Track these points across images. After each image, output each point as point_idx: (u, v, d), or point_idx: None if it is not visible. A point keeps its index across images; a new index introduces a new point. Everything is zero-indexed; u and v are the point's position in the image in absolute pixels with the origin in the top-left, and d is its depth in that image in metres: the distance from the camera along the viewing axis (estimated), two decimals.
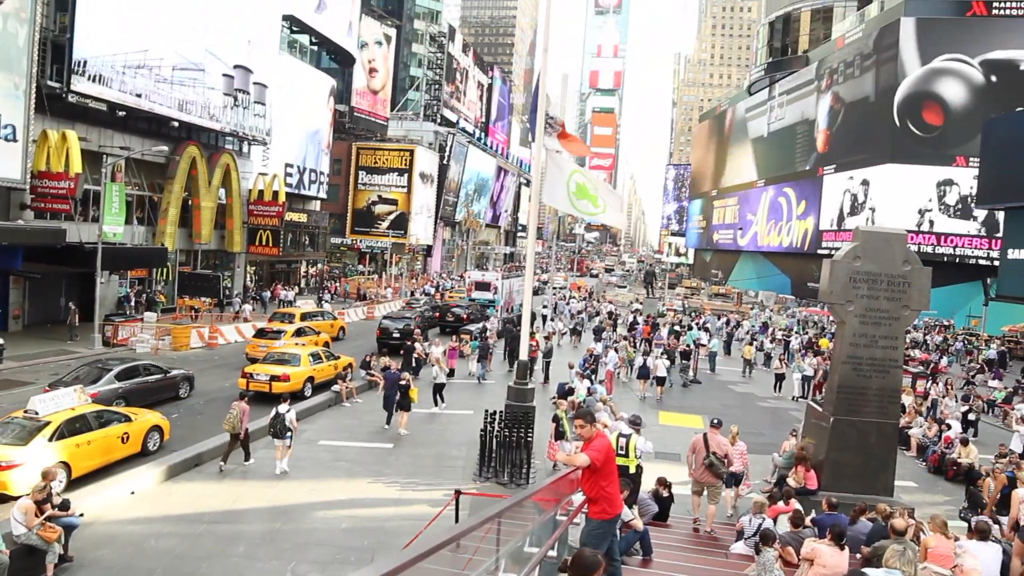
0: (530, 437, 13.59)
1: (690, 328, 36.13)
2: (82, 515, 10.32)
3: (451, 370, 22.96)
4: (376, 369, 20.92)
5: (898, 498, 11.97)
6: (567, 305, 47.41)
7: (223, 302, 36.65)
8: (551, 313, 41.50)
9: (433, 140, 71.39)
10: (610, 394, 20.36)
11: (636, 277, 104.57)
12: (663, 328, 35.71)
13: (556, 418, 14.48)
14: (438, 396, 19.73)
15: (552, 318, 39.79)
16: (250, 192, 40.29)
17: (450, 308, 36.85)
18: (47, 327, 27.44)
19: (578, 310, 45.53)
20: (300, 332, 26.04)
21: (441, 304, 39.90)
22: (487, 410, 14.19)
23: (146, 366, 18.83)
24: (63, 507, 9.81)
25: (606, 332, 34.01)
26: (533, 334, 23.55)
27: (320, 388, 20.57)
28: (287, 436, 13.84)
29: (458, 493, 10.06)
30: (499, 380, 23.60)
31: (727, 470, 11.60)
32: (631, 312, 46.81)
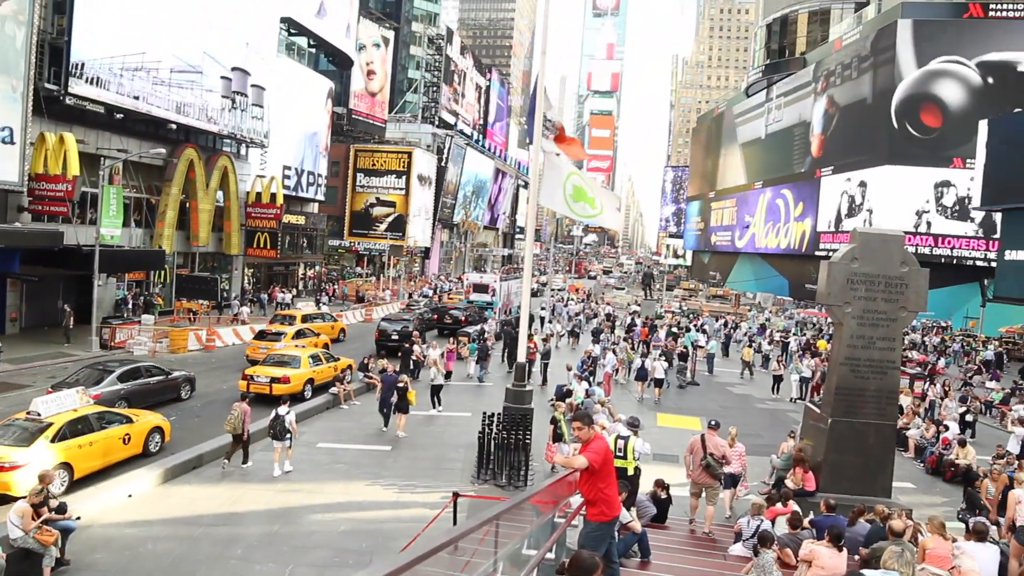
0: (528, 439, 13.58)
1: (688, 330, 36.13)
2: (79, 518, 10.31)
3: (448, 372, 22.94)
4: (374, 371, 20.90)
5: (896, 499, 11.99)
6: (565, 307, 47.38)
7: (221, 304, 36.62)
8: (549, 315, 41.49)
9: (431, 142, 71.40)
10: (608, 396, 20.33)
11: (634, 279, 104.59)
12: (661, 330, 35.71)
13: (554, 420, 14.46)
14: (435, 398, 19.73)
15: (550, 320, 39.78)
16: (248, 194, 40.26)
17: (448, 310, 36.84)
18: (44, 330, 27.41)
19: (576, 312, 45.51)
20: (300, 334, 26.10)
21: (439, 306, 39.90)
22: (485, 412, 14.18)
23: (148, 368, 18.86)
24: (60, 510, 9.79)
25: (604, 334, 34.01)
26: (531, 336, 23.53)
27: (320, 390, 20.59)
28: (287, 438, 13.85)
29: (456, 495, 10.05)
30: (497, 382, 23.59)
31: (723, 471, 11.62)
32: (629, 314, 46.80)
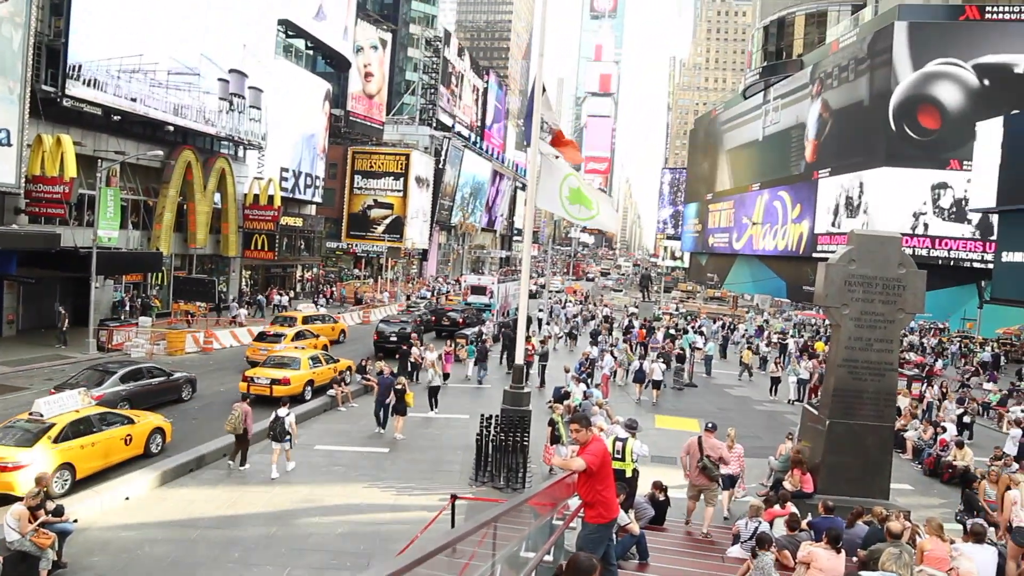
0: (526, 441, 13.56)
1: (686, 332, 36.15)
2: (76, 521, 10.29)
3: (446, 374, 22.93)
4: (372, 373, 20.89)
5: (894, 501, 11.99)
6: (563, 309, 47.38)
7: (220, 307, 36.57)
8: (547, 317, 41.50)
9: (429, 144, 71.39)
10: (606, 398, 20.33)
11: (632, 281, 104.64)
12: (659, 332, 35.72)
13: (552, 422, 14.45)
14: (433, 400, 19.72)
15: (548, 322, 39.78)
16: (245, 196, 40.22)
17: (446, 312, 36.85)
18: (41, 332, 27.34)
19: (573, 314, 45.51)
20: (299, 335, 26.30)
21: (437, 308, 39.92)
22: (483, 414, 14.17)
23: (149, 369, 18.93)
24: (57, 513, 9.76)
25: (602, 336, 34.02)
26: (529, 338, 23.53)
27: (320, 391, 20.61)
28: (286, 440, 13.87)
29: (454, 498, 10.04)
30: (495, 384, 23.59)
31: (720, 473, 11.63)
32: (627, 316, 46.81)
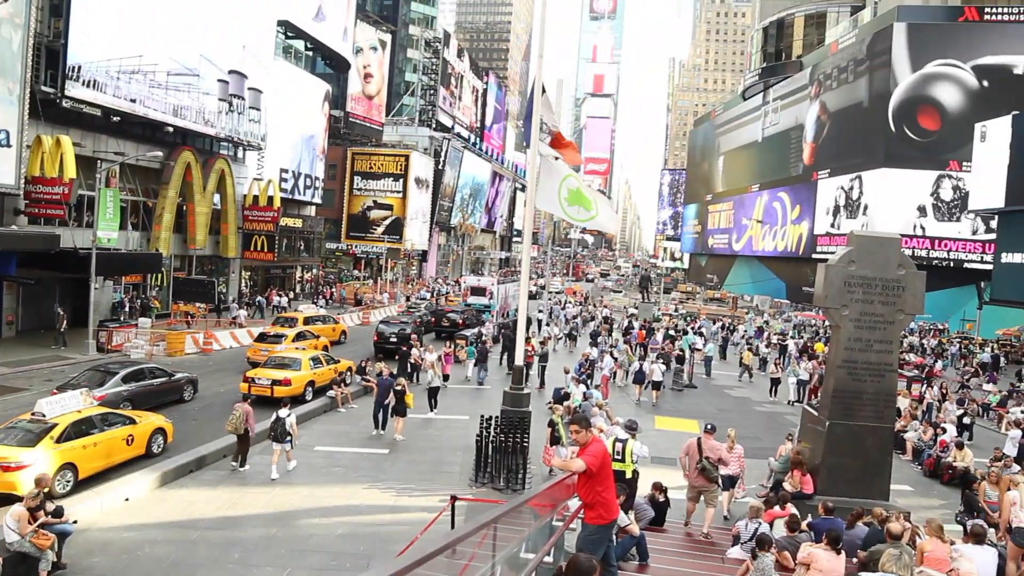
0: (526, 442, 13.56)
1: (685, 333, 36.15)
2: (75, 522, 10.28)
3: (446, 376, 22.94)
4: (371, 374, 20.89)
5: (894, 502, 11.99)
6: (562, 310, 47.38)
7: (220, 308, 36.57)
8: (547, 318, 41.50)
9: (428, 145, 71.41)
10: (606, 399, 20.33)
11: (631, 282, 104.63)
12: (658, 333, 35.73)
13: (552, 423, 14.45)
14: (432, 401, 19.72)
15: (548, 323, 39.78)
16: (245, 197, 40.22)
17: (446, 313, 36.86)
18: (41, 333, 27.32)
19: (573, 315, 45.52)
20: (300, 336, 26.47)
21: (437, 309, 39.94)
22: (483, 415, 14.17)
23: (151, 369, 18.99)
24: (56, 514, 9.75)
25: (602, 337, 34.02)
26: (529, 339, 23.54)
27: (321, 392, 20.66)
28: (287, 440, 13.90)
29: (454, 499, 10.03)
30: (495, 385, 23.59)
31: (719, 474, 11.63)
32: (626, 317, 46.82)
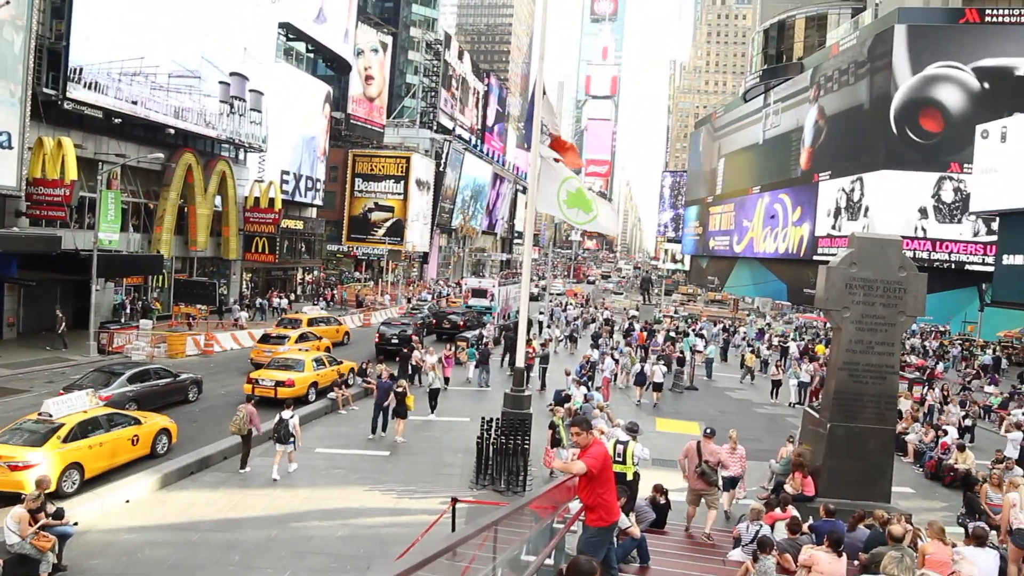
0: (527, 444, 13.55)
1: (686, 334, 36.12)
2: (76, 524, 10.28)
3: (446, 378, 22.94)
4: (372, 376, 20.89)
5: (895, 504, 11.97)
6: (563, 312, 47.37)
7: (222, 310, 36.59)
8: (547, 320, 41.48)
9: (429, 147, 71.44)
10: (607, 401, 20.32)
11: (632, 284, 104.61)
12: (659, 335, 35.70)
13: (553, 425, 14.44)
14: (432, 403, 19.72)
15: (548, 325, 39.76)
16: (246, 199, 40.23)
17: (447, 315, 36.86)
18: (42, 334, 27.32)
19: (574, 317, 45.49)
20: (303, 337, 26.62)
21: (438, 311, 39.94)
22: (484, 417, 14.16)
23: (156, 370, 19.12)
24: (57, 516, 9.75)
25: (603, 339, 33.99)
26: (530, 341, 23.53)
27: (324, 393, 20.68)
28: (290, 442, 13.94)
29: (455, 501, 10.03)
30: (497, 387, 23.56)
31: (718, 478, 11.63)
32: (627, 319, 46.79)
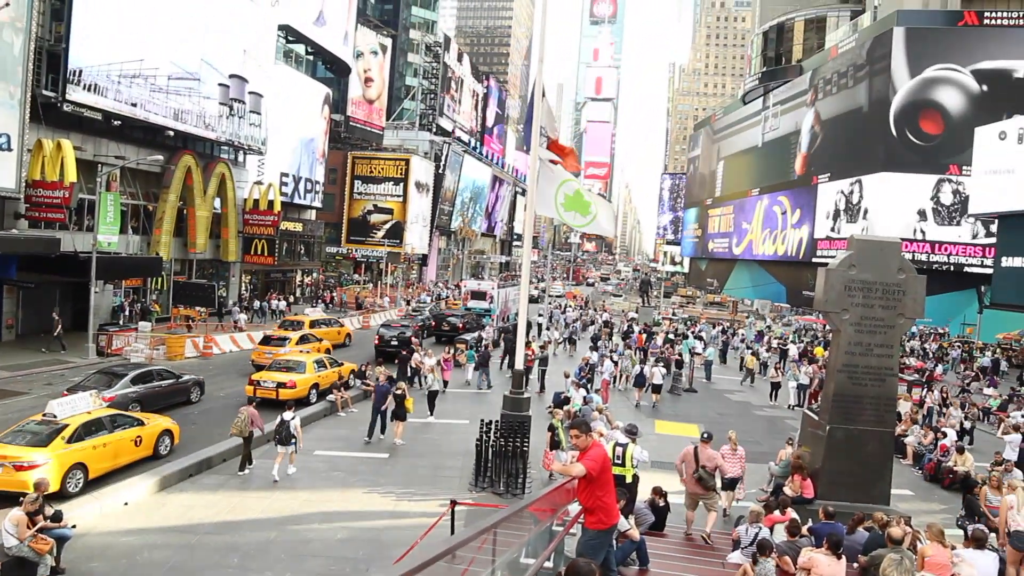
0: (526, 447, 13.54)
1: (685, 337, 36.11)
2: (74, 526, 10.27)
3: (445, 382, 22.93)
4: (372, 379, 20.88)
5: (894, 507, 11.96)
6: (562, 314, 47.36)
7: (222, 312, 36.55)
8: (547, 322, 41.48)
9: (428, 149, 71.45)
10: (606, 403, 20.32)
11: (632, 286, 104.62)
12: (658, 337, 35.70)
13: (552, 427, 14.44)
14: (431, 405, 19.71)
15: (548, 327, 39.75)
16: (245, 201, 40.23)
17: (446, 317, 36.84)
18: (41, 336, 27.28)
19: (573, 319, 45.49)
20: (304, 339, 26.75)
21: (437, 313, 39.94)
22: (483, 420, 14.17)
23: (159, 371, 19.23)
24: (55, 518, 9.73)
25: (602, 341, 33.99)
26: (529, 343, 23.53)
27: (325, 394, 20.69)
28: (291, 443, 13.97)
29: (454, 503, 10.02)
30: (496, 389, 23.58)
31: (716, 482, 11.64)
32: (627, 321, 46.80)
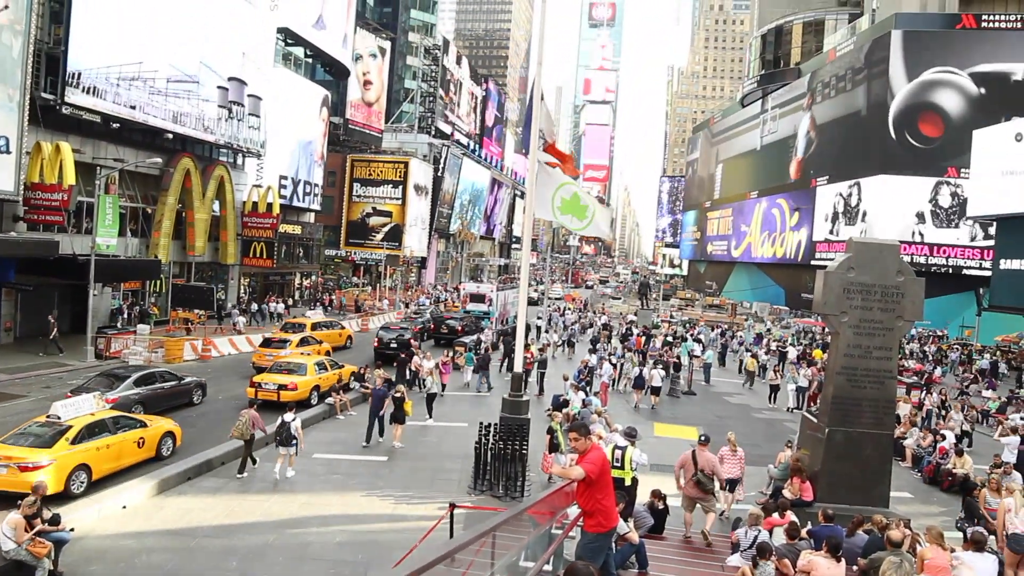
0: (525, 450, 13.53)
1: (684, 339, 36.11)
2: (72, 530, 10.24)
3: (443, 385, 22.92)
4: (371, 381, 20.87)
5: (894, 509, 11.95)
6: (561, 317, 47.36)
7: (220, 315, 36.51)
8: (545, 324, 41.46)
9: (427, 152, 71.47)
10: (605, 406, 20.30)
11: (631, 289, 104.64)
12: (657, 339, 35.69)
13: (551, 430, 14.42)
14: (429, 408, 19.70)
15: (546, 330, 39.73)
16: (244, 204, 40.22)
17: (445, 320, 36.84)
18: (39, 339, 27.22)
19: (572, 321, 45.48)
20: (304, 341, 26.78)
21: (436, 315, 39.94)
22: (482, 422, 14.16)
23: (162, 373, 19.35)
24: (53, 522, 9.71)
25: (600, 344, 33.98)
26: (528, 346, 23.52)
27: (326, 396, 20.68)
28: (292, 444, 13.98)
29: (453, 507, 10.00)
30: (495, 391, 23.56)
31: (714, 486, 11.64)
32: (625, 323, 46.80)
